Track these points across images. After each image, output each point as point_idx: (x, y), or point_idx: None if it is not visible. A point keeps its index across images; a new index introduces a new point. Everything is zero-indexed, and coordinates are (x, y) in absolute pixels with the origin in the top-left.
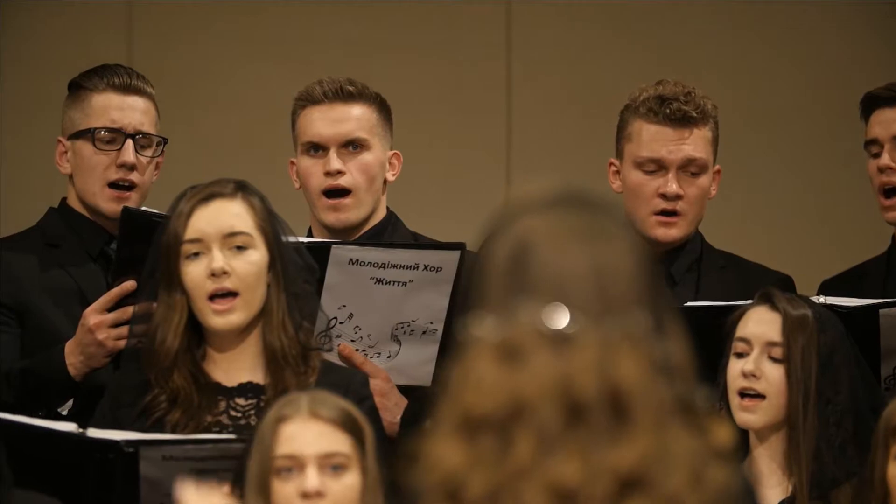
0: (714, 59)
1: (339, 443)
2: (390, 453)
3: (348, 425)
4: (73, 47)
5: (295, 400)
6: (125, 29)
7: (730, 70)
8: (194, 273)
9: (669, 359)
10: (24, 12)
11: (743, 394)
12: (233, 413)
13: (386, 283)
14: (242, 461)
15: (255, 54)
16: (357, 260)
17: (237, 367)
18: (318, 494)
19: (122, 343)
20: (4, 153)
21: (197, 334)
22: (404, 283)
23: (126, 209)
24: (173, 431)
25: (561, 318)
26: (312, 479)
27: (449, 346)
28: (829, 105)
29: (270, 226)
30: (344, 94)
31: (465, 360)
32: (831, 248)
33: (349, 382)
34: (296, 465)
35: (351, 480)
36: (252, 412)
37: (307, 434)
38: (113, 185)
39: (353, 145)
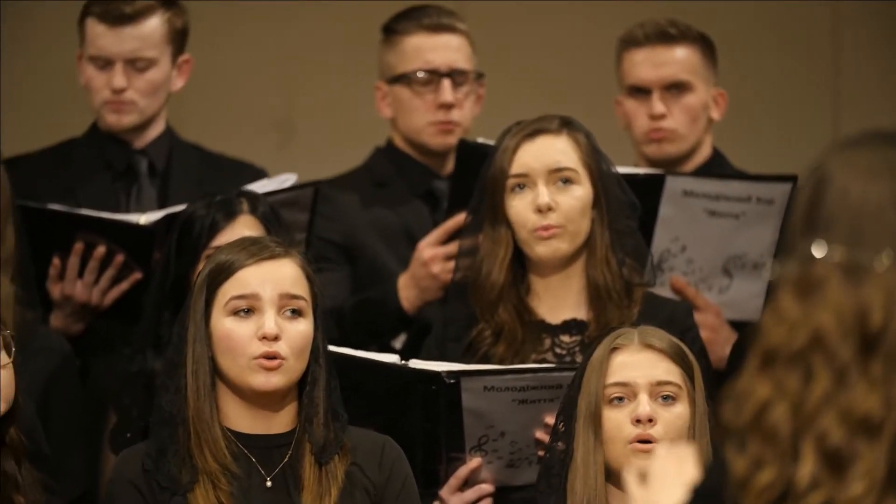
0: None
1: (670, 373)
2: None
3: (679, 357)
4: None
5: (627, 332)
6: None
7: None
8: (520, 207)
9: None
10: None
11: None
12: (558, 350)
13: (719, 216)
14: (570, 391)
15: None
16: (691, 191)
17: (561, 304)
18: (650, 421)
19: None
20: (298, 112)
21: (522, 269)
22: (736, 216)
23: (463, 141)
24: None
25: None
26: (644, 405)
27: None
28: None
29: (595, 162)
30: (666, 36)
31: (774, 297)
32: None
33: (673, 312)
34: (627, 393)
35: (681, 410)
36: (577, 349)
37: (639, 363)
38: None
39: (675, 87)
